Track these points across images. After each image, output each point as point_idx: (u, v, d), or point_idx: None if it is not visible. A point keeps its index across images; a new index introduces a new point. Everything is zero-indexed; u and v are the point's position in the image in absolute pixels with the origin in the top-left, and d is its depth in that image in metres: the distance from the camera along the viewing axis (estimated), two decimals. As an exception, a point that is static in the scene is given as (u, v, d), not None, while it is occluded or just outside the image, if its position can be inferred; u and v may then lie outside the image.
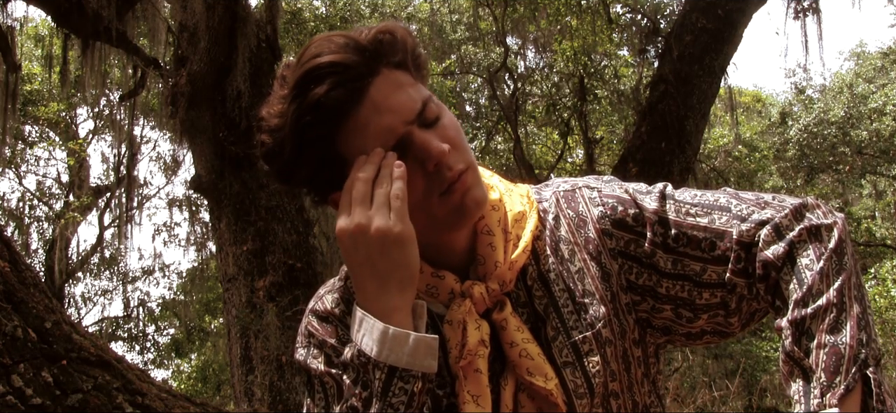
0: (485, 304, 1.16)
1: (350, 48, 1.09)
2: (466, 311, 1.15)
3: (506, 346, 1.15)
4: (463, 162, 1.12)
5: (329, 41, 1.09)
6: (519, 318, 1.17)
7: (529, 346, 1.14)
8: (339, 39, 1.09)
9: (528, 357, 1.14)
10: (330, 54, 1.07)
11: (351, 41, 1.09)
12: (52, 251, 14.72)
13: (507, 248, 1.18)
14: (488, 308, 1.17)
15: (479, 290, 1.16)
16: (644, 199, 1.18)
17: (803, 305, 1.02)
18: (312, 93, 1.07)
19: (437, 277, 1.18)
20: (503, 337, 1.16)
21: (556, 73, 12.69)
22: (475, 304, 1.16)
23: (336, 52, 1.08)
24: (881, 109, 14.72)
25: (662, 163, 7.16)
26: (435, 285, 1.18)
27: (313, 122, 1.08)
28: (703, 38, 7.24)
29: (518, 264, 1.17)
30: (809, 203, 1.13)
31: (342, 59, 1.07)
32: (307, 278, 6.40)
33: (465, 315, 1.15)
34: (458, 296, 1.17)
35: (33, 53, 14.02)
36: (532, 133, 14.94)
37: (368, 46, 1.09)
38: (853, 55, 19.66)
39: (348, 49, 1.08)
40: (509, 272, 1.16)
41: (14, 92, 9.15)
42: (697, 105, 7.31)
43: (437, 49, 15.02)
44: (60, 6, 7.97)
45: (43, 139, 15.99)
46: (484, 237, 1.18)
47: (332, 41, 1.09)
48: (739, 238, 1.11)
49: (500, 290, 1.16)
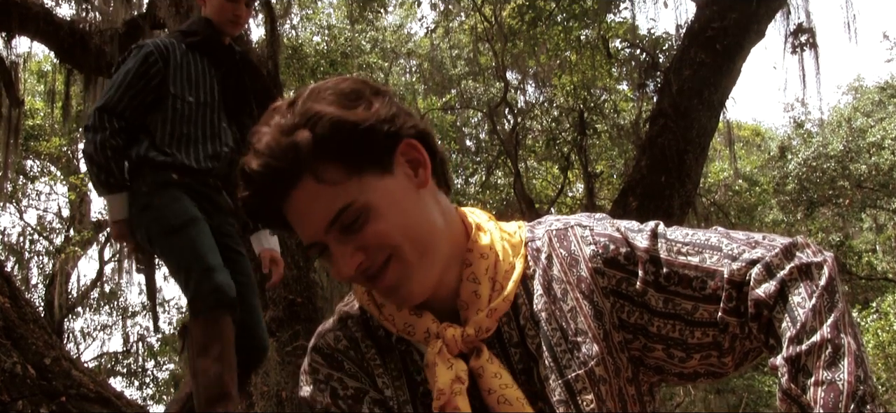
0: (458, 347, 1.16)
1: (274, 152, 1.09)
2: (437, 352, 1.15)
3: (484, 394, 1.15)
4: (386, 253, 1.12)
5: (262, 135, 1.11)
6: (498, 363, 1.17)
7: (508, 391, 1.14)
8: (267, 137, 1.10)
9: (507, 403, 1.13)
10: (258, 158, 1.10)
11: (275, 142, 1.09)
12: (52, 286, 14.69)
13: (492, 296, 1.18)
14: (465, 353, 1.17)
15: (452, 332, 1.16)
16: (635, 238, 1.19)
17: (798, 342, 1.02)
18: (242, 195, 1.13)
19: (415, 315, 1.18)
20: (480, 384, 1.16)
21: (555, 108, 12.76)
22: (447, 346, 1.16)
23: (265, 158, 1.09)
24: (880, 143, 14.77)
25: (662, 197, 7.17)
26: (412, 324, 1.18)
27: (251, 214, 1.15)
28: (701, 73, 7.28)
29: (498, 312, 1.17)
30: (799, 242, 1.14)
31: (264, 169, 1.09)
32: (307, 313, 6.39)
33: (436, 357, 1.15)
34: (433, 336, 1.17)
35: (36, 89, 14.11)
36: (532, 167, 14.98)
37: (289, 149, 1.09)
38: (851, 89, 19.77)
39: (272, 154, 1.09)
40: (487, 320, 1.17)
41: (17, 127, 9.19)
42: (697, 139, 7.33)
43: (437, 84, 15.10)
44: (63, 42, 8.03)
45: (44, 174, 16.04)
46: (468, 284, 1.18)
47: (263, 136, 1.10)
48: (730, 277, 1.12)
49: (476, 337, 1.16)
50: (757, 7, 7.14)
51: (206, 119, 3.10)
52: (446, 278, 1.19)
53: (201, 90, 3.12)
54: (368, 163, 1.11)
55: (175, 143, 3.02)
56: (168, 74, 3.04)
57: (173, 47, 3.10)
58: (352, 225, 1.10)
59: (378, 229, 1.10)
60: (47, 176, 16.00)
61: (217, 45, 3.22)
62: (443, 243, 1.17)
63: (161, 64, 3.03)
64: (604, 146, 13.38)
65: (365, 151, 1.11)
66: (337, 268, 1.12)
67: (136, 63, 3.00)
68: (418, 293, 1.15)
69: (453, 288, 1.19)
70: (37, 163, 15.62)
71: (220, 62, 3.22)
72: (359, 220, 1.10)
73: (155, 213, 2.92)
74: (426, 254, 1.14)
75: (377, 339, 1.24)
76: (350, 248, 1.11)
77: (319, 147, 1.08)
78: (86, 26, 8.49)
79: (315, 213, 1.10)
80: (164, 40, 3.14)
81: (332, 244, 1.11)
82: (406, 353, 1.22)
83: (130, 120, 2.98)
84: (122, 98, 2.97)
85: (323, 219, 1.10)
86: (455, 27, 14.73)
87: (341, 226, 1.10)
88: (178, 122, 3.03)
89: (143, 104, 3.00)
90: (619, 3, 10.79)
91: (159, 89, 3.02)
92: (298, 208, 1.11)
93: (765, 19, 7.40)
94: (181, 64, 3.09)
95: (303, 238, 1.15)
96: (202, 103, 3.10)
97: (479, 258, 1.19)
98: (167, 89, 3.02)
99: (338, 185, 1.09)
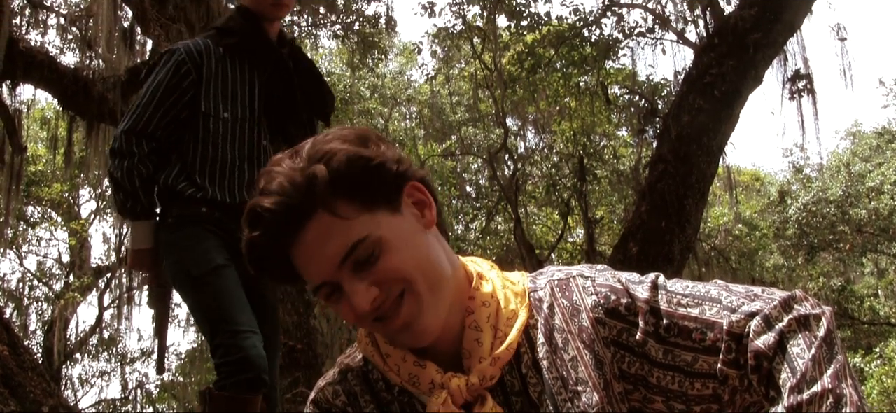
0: (463, 396, 1.16)
1: (287, 190, 1.10)
2: (441, 402, 1.16)
3: None
4: (401, 287, 1.13)
5: (273, 176, 1.12)
6: (502, 411, 1.17)
7: None
8: (280, 177, 1.11)
9: None
10: (270, 197, 1.10)
11: (289, 180, 1.10)
12: (51, 332, 14.63)
13: (494, 344, 1.18)
14: (469, 401, 1.17)
15: (456, 382, 1.16)
16: (636, 289, 1.19)
17: (798, 392, 1.02)
18: (249, 235, 1.12)
19: (419, 366, 1.19)
20: None
21: (555, 154, 12.83)
22: (452, 397, 1.16)
23: (275, 197, 1.10)
24: (879, 188, 14.81)
25: (663, 242, 7.17)
26: (416, 374, 1.19)
27: (256, 258, 1.14)
28: (700, 119, 7.33)
29: (502, 361, 1.18)
30: (798, 296, 1.14)
31: (277, 206, 1.10)
32: (308, 360, 6.35)
33: (440, 407, 1.15)
34: (437, 387, 1.17)
35: (38, 135, 14.19)
36: (532, 213, 15.00)
37: (304, 184, 1.10)
38: (849, 134, 19.87)
39: (285, 192, 1.10)
40: (491, 368, 1.17)
41: (19, 173, 9.24)
42: (697, 184, 7.36)
43: (437, 130, 15.19)
44: (67, 89, 8.11)
45: (45, 219, 16.07)
46: (471, 332, 1.19)
47: (275, 177, 1.11)
48: (730, 328, 1.12)
49: (480, 385, 1.17)
50: (754, 54, 7.21)
51: (243, 138, 2.76)
52: (449, 324, 1.19)
53: (238, 104, 2.76)
54: (381, 200, 1.13)
55: (208, 168, 2.71)
56: (201, 87, 2.71)
57: (208, 52, 2.75)
58: (366, 260, 1.11)
59: (392, 263, 1.12)
60: (48, 222, 16.03)
61: (258, 42, 2.82)
62: (449, 284, 1.19)
63: (194, 75, 2.70)
64: (604, 192, 13.42)
65: (377, 188, 1.13)
66: (351, 304, 1.12)
67: (167, 74, 2.69)
68: (431, 329, 1.15)
69: (456, 335, 1.20)
70: (38, 209, 15.66)
71: (264, 63, 2.83)
72: (374, 253, 1.11)
73: (178, 254, 2.67)
74: (437, 289, 1.16)
75: (377, 394, 1.24)
76: (365, 283, 1.11)
77: (335, 181, 1.10)
78: (89, 73, 8.58)
79: (328, 248, 1.10)
80: (198, 43, 2.78)
81: (344, 281, 1.11)
82: (408, 405, 1.22)
83: (162, 140, 2.69)
84: (151, 117, 2.66)
85: (337, 254, 1.10)
86: (455, 74, 14.86)
87: (355, 261, 1.11)
88: (212, 143, 2.71)
89: (176, 120, 2.69)
90: (618, 49, 10.91)
91: (192, 104, 2.70)
92: (310, 245, 1.11)
93: (762, 66, 7.47)
94: (216, 73, 2.74)
95: (312, 278, 1.14)
96: (240, 119, 2.76)
97: (481, 306, 1.20)
98: (199, 106, 2.70)
99: (352, 219, 1.11)
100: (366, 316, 1.13)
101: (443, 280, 1.17)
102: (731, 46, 7.29)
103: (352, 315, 1.13)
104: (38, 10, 9.63)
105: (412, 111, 16.26)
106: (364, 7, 11.39)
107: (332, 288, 1.13)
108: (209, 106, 2.70)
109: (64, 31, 10.19)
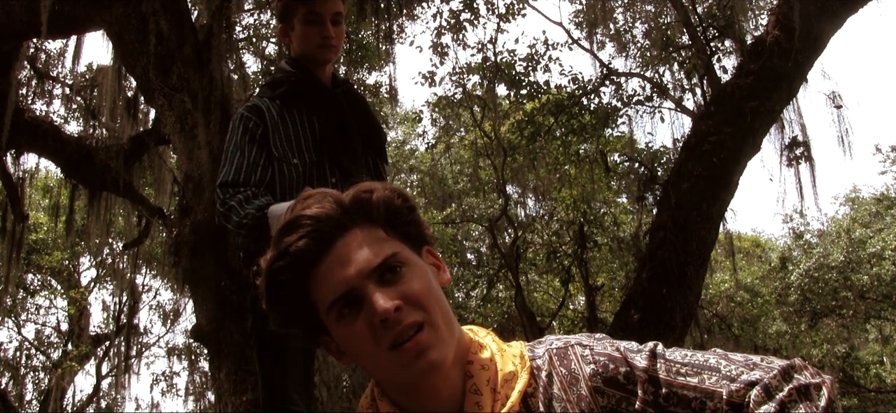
0: None
1: (331, 204, 1.18)
2: None
3: None
4: (420, 316, 1.15)
5: (321, 197, 1.20)
6: None
7: None
8: (328, 197, 1.20)
9: None
10: (312, 208, 1.18)
11: (336, 199, 1.19)
12: (47, 402, 14.47)
13: (495, 408, 1.19)
14: None
15: None
16: (635, 358, 1.20)
17: None
18: (284, 241, 1.17)
19: None
20: None
21: (556, 221, 12.85)
22: None
23: (318, 206, 1.18)
24: (880, 254, 14.79)
25: (664, 309, 7.14)
26: None
27: (283, 268, 1.17)
28: (699, 186, 7.36)
29: None
30: (797, 364, 1.14)
31: (319, 214, 1.17)
32: (306, 430, 6.27)
33: None
34: None
35: (40, 203, 14.24)
36: (533, 281, 14.97)
37: (348, 204, 1.19)
38: (848, 200, 19.90)
39: (329, 205, 1.18)
40: None
41: (20, 241, 9.25)
42: (697, 251, 7.36)
43: (438, 198, 15.25)
44: (70, 158, 8.18)
45: (44, 287, 16.01)
46: (471, 396, 1.20)
47: (322, 197, 1.20)
48: (729, 398, 1.12)
49: None
50: (751, 121, 7.27)
51: (312, 182, 2.72)
52: (452, 382, 1.20)
53: (304, 149, 2.75)
54: (409, 240, 1.23)
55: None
56: (268, 135, 2.71)
57: (265, 106, 2.76)
58: (393, 273, 1.17)
59: (416, 288, 1.17)
60: (47, 290, 15.97)
61: (310, 87, 2.83)
62: (457, 334, 1.22)
63: (261, 126, 2.70)
64: (604, 259, 13.41)
65: (409, 227, 1.23)
66: (373, 308, 1.13)
67: (237, 132, 2.71)
68: (444, 362, 1.17)
69: (458, 400, 1.21)
70: (38, 276, 15.62)
71: (318, 105, 2.83)
72: (401, 269, 1.17)
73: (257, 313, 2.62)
74: (451, 329, 1.20)
75: None
76: (391, 292, 1.15)
77: (376, 208, 1.21)
78: (92, 142, 8.66)
79: (361, 256, 1.16)
80: (254, 101, 2.80)
81: (369, 288, 1.15)
82: None
83: (257, 185, 2.65)
84: (239, 168, 2.65)
85: (368, 262, 1.16)
86: (456, 142, 14.99)
87: (382, 273, 1.16)
88: (288, 189, 2.68)
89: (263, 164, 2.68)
90: (617, 117, 11.02)
91: (268, 152, 2.69)
92: (342, 254, 1.16)
93: (760, 133, 7.53)
94: (278, 123, 2.74)
95: (335, 287, 1.16)
96: (308, 164, 2.74)
97: (480, 369, 1.22)
98: (272, 153, 2.70)
99: (384, 241, 1.20)
100: (384, 327, 1.14)
101: (455, 324, 1.22)
102: (728, 114, 7.36)
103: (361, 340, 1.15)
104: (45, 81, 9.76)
105: (414, 179, 16.36)
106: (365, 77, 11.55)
107: (349, 302, 1.16)
108: (280, 151, 2.72)
109: (68, 101, 10.32)
